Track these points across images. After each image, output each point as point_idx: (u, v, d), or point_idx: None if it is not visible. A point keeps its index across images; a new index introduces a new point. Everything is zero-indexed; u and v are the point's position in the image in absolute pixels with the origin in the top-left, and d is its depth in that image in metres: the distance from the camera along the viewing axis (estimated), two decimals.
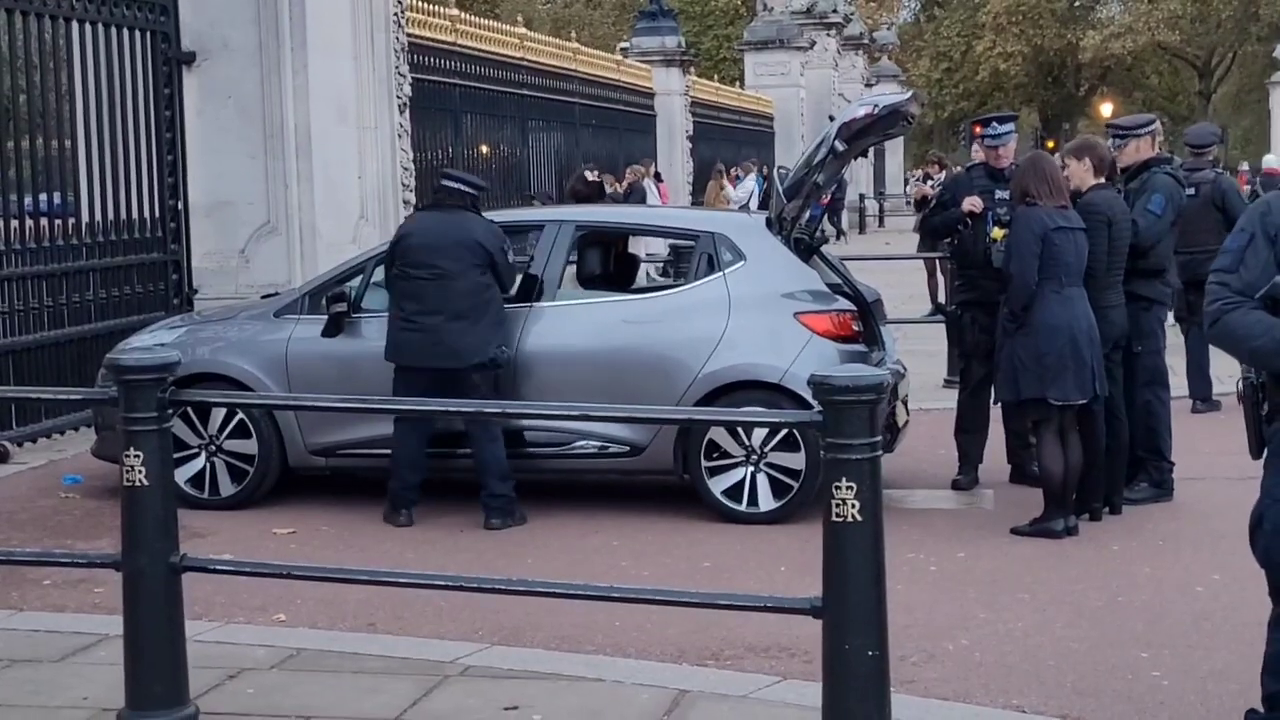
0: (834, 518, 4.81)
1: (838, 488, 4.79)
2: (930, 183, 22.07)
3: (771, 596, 5.60)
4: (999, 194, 9.93)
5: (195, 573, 5.64)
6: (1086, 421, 8.95)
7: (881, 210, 49.46)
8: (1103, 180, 9.24)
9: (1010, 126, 10.26)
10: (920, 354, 13.63)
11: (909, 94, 10.00)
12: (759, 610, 5.51)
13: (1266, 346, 4.60)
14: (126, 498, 5.46)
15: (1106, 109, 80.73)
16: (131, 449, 5.42)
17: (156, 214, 13.55)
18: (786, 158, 38.39)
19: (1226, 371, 13.04)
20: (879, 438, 4.84)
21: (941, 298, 20.75)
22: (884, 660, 4.83)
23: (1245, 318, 4.64)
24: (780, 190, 9.76)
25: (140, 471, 5.41)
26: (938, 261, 20.66)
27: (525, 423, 9.43)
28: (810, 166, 9.62)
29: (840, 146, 9.42)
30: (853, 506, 4.79)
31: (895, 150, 55.87)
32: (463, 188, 9.47)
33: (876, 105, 9.53)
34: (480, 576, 6.76)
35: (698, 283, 9.70)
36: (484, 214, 9.69)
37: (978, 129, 10.59)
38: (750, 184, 30.24)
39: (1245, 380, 4.76)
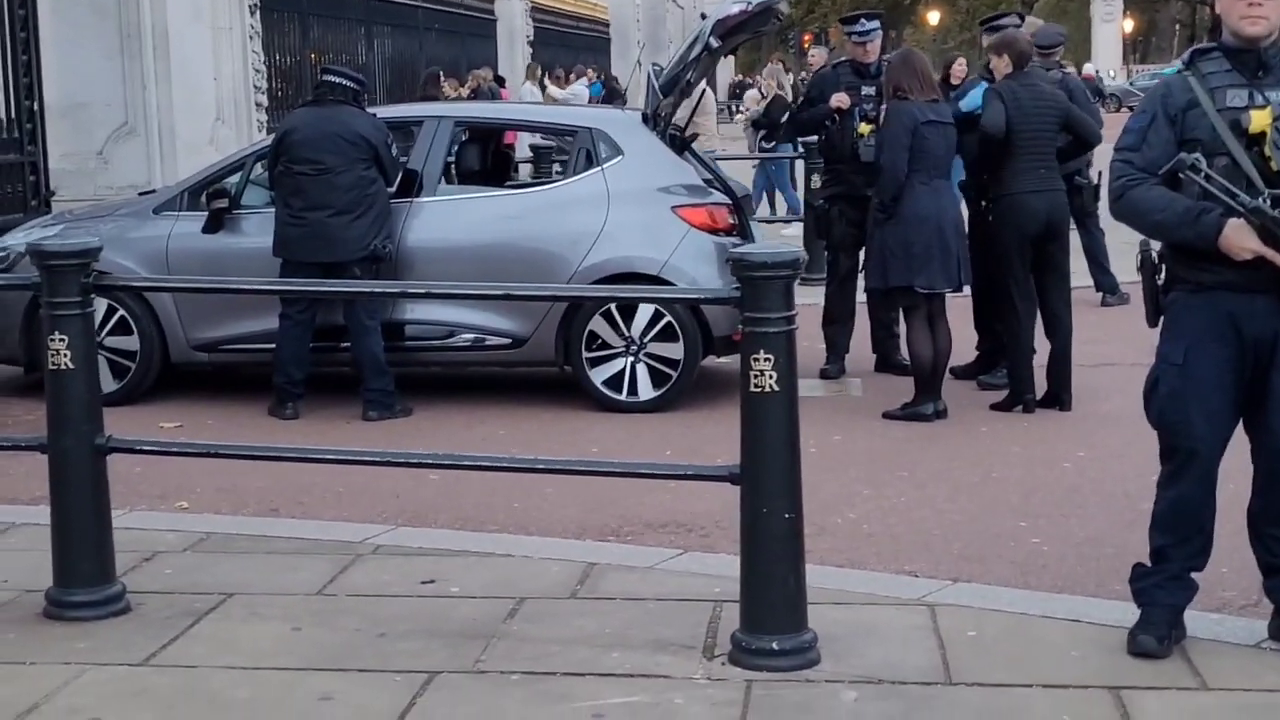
0: (752, 388, 5.03)
1: (755, 359, 5.01)
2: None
3: (690, 465, 5.84)
4: (865, 90, 10.23)
5: (117, 453, 5.75)
6: (1054, 316, 9.31)
7: (718, 114, 49.64)
8: (1022, 70, 9.41)
9: (876, 24, 10.53)
10: None
11: None
12: (679, 478, 5.76)
13: (1168, 220, 4.88)
14: (51, 381, 5.57)
15: (934, 17, 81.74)
16: (56, 333, 5.52)
17: (11, 115, 13.35)
18: (623, 64, 38.58)
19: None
20: (794, 312, 5.07)
21: (780, 203, 21.04)
22: (799, 523, 5.11)
23: (1149, 193, 4.92)
24: (656, 86, 9.95)
25: (65, 355, 5.52)
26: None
27: (406, 315, 9.59)
28: (685, 63, 9.83)
29: (715, 43, 9.64)
30: (770, 377, 5.02)
31: (725, 61, 56.03)
32: (345, 82, 9.54)
33: (750, 3, 9.73)
34: (411, 451, 6.94)
35: (576, 178, 9.88)
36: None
37: (841, 27, 10.86)
38: (580, 88, 30.17)
39: (1144, 253, 5.06)
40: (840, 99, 10.23)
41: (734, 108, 40.67)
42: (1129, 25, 67.16)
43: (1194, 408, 4.94)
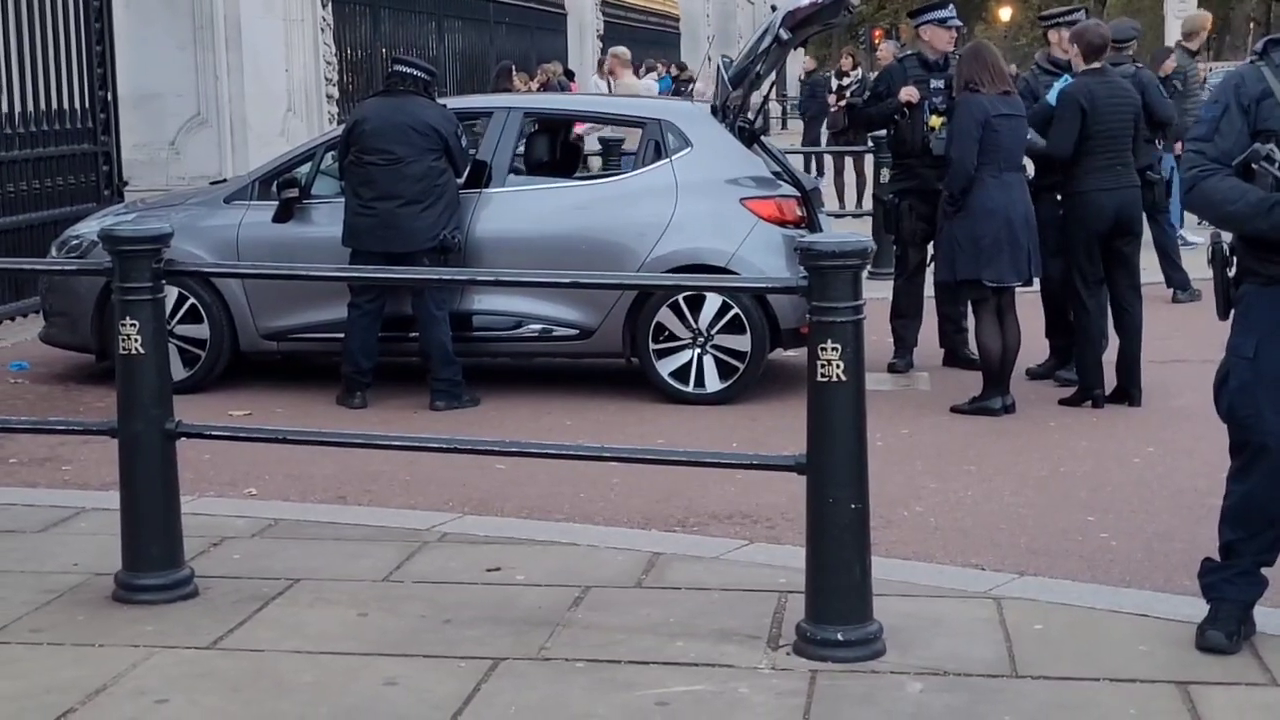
0: (819, 378, 5.03)
1: (823, 349, 5.00)
2: (846, 80, 22.22)
3: (756, 455, 5.82)
4: (933, 83, 10.18)
5: (188, 439, 5.79)
6: (1124, 311, 9.23)
7: (784, 112, 49.54)
8: (1096, 66, 9.31)
9: (954, 9, 10.52)
10: None
11: None
12: (746, 468, 5.74)
13: (1241, 210, 4.83)
14: (122, 366, 5.61)
15: (1005, 13, 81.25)
16: (127, 318, 5.56)
17: (86, 105, 13.49)
18: (692, 59, 38.54)
19: None
20: (862, 301, 5.06)
21: (850, 197, 20.92)
22: (865, 513, 5.08)
23: (1221, 183, 4.88)
24: (725, 78, 9.93)
25: (136, 340, 5.55)
26: (850, 160, 20.84)
27: (474, 306, 9.62)
28: (755, 55, 9.81)
29: (785, 35, 9.61)
30: (837, 367, 5.02)
31: (795, 55, 55.93)
32: (415, 72, 9.57)
33: None
34: (478, 439, 6.95)
35: (645, 169, 9.86)
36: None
37: (917, 19, 10.84)
38: (650, 83, 30.08)
39: (1215, 245, 5.01)
40: (909, 92, 10.18)
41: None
42: None
43: (1265, 401, 4.89)
